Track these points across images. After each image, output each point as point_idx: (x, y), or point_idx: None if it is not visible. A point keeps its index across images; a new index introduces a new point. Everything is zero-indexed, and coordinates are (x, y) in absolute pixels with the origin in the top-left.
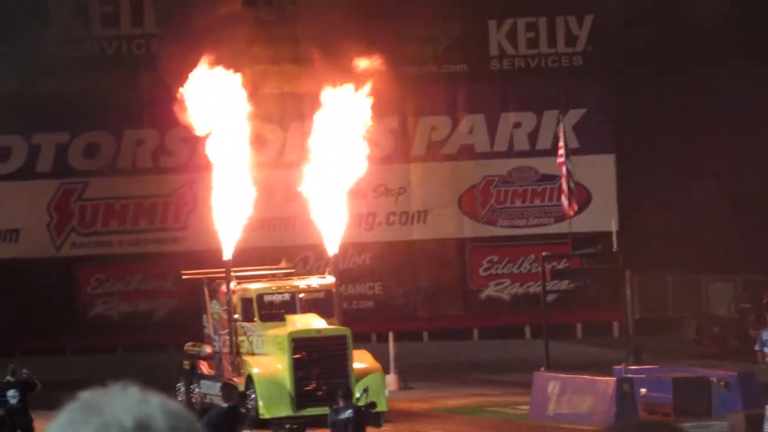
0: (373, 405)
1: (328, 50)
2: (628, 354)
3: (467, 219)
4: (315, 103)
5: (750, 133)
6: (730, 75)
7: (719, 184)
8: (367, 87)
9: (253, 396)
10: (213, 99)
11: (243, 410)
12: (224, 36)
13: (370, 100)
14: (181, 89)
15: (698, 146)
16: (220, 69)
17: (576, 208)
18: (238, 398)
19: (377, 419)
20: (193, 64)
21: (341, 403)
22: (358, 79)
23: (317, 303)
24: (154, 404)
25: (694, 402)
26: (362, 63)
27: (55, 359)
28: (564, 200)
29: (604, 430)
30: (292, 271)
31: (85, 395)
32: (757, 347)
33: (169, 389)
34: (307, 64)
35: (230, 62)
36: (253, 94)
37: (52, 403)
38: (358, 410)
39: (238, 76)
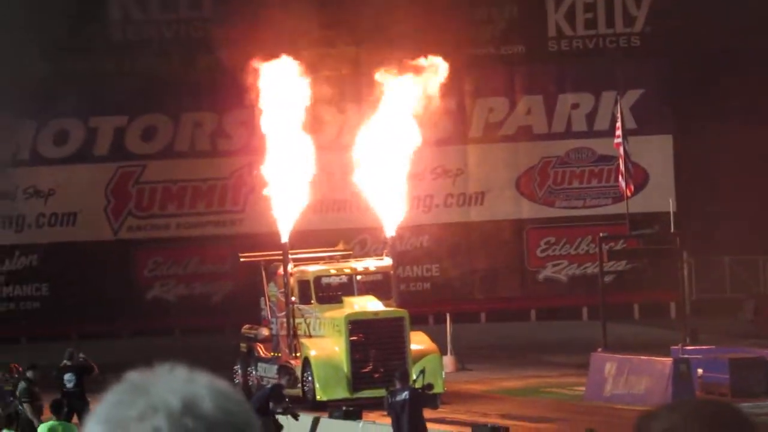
0: (429, 386)
1: (386, 32)
2: (685, 335)
3: (525, 200)
4: (373, 85)
5: None
6: None
7: None
8: (425, 69)
9: (310, 378)
10: (271, 82)
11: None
12: (282, 18)
13: (428, 82)
14: (239, 73)
15: (757, 126)
16: (278, 52)
17: (632, 188)
18: (289, 380)
19: (434, 401)
20: (251, 47)
21: (398, 385)
22: (416, 61)
23: (374, 285)
24: (201, 384)
25: (750, 382)
26: (420, 45)
27: (112, 342)
28: (621, 181)
29: (659, 407)
30: (350, 253)
31: (132, 376)
32: None
33: (226, 372)
34: (365, 46)
35: (288, 45)
36: (311, 76)
37: (108, 387)
38: (414, 392)
39: (296, 62)
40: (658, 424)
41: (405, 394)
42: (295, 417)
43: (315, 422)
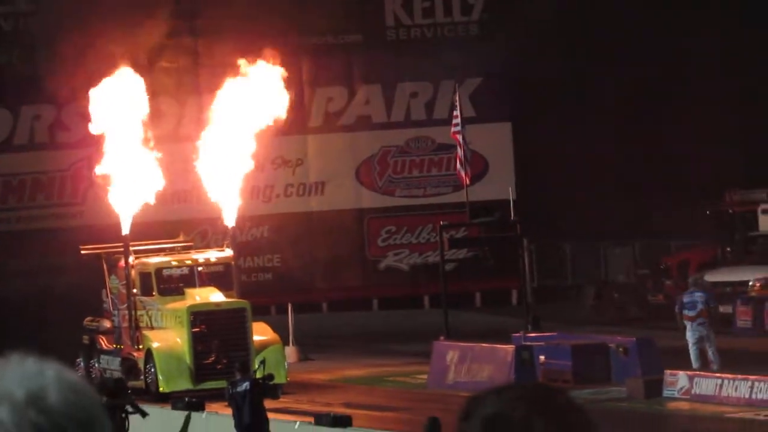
0: (270, 377)
1: (223, 22)
2: (527, 322)
3: (365, 189)
4: (211, 75)
5: (651, 95)
6: (628, 36)
7: (616, 149)
8: (263, 58)
9: (152, 370)
10: (108, 74)
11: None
12: (120, 9)
13: (266, 72)
14: (77, 64)
15: (595, 112)
16: (115, 44)
17: (470, 176)
18: (129, 374)
19: (275, 391)
20: (90, 38)
21: (238, 376)
22: (255, 51)
23: (216, 276)
24: (49, 377)
25: (593, 368)
26: (257, 34)
27: None
28: (459, 168)
29: (485, 391)
30: (191, 244)
31: None
32: (676, 309)
33: (68, 364)
34: (203, 36)
35: (127, 36)
36: (150, 67)
37: None
38: (255, 382)
39: (133, 56)
40: (484, 409)
41: (245, 385)
42: (143, 414)
43: (187, 419)
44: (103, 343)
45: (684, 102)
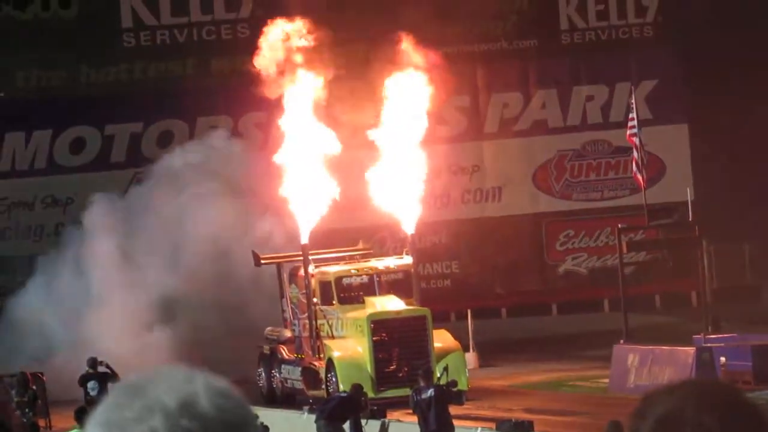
0: (454, 383)
1: (396, 30)
2: (707, 323)
3: (542, 194)
4: (385, 82)
5: None
6: None
7: None
8: (437, 65)
9: (334, 380)
10: (286, 81)
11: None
12: (293, 17)
13: (441, 79)
14: (253, 74)
15: None
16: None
17: (646, 179)
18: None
19: (459, 397)
20: (264, 48)
21: (422, 383)
22: (429, 59)
23: (395, 284)
24: (199, 384)
25: None
26: (431, 42)
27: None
28: (636, 172)
29: (657, 390)
30: (370, 252)
31: (131, 378)
32: None
33: (250, 374)
34: (375, 44)
35: (300, 44)
36: (324, 75)
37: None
38: (439, 389)
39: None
40: (656, 408)
41: (430, 392)
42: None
43: (383, 427)
44: (284, 352)
45: None
